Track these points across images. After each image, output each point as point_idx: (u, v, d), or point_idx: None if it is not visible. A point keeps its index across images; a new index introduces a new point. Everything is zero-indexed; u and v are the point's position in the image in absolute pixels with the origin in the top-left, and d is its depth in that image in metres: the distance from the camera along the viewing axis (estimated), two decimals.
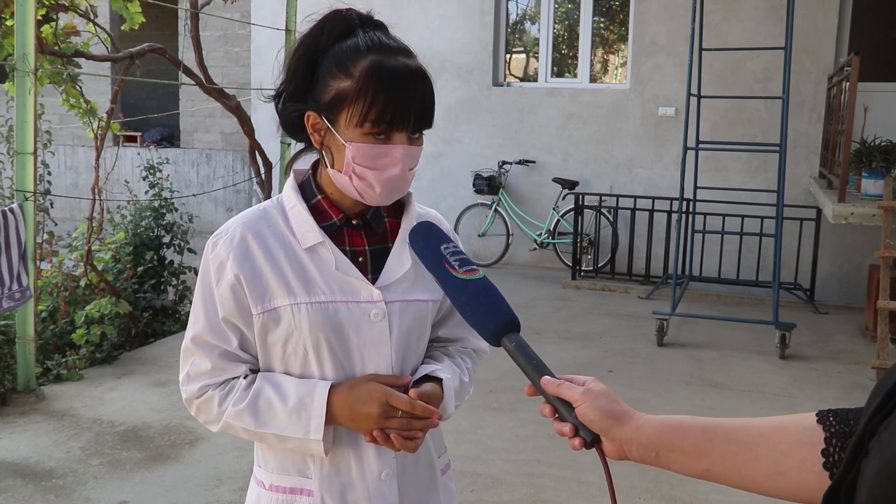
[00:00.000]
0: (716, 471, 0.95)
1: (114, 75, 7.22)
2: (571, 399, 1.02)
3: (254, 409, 1.32)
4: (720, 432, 0.95)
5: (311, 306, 1.30)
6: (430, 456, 1.45)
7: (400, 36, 1.35)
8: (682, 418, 0.99)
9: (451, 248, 1.20)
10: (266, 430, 1.31)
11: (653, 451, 0.98)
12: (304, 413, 1.29)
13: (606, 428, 0.99)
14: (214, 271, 1.34)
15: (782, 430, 0.92)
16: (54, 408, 4.30)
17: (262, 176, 6.24)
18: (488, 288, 1.15)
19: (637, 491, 3.48)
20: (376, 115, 1.24)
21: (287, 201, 1.38)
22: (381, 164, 1.27)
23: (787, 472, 0.89)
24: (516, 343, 1.09)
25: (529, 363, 1.07)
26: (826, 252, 7.40)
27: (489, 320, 1.11)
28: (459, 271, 1.16)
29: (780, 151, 5.76)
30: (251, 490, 1.44)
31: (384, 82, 1.24)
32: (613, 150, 8.26)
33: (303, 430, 1.29)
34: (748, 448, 0.92)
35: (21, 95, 4.22)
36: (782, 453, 0.90)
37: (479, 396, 4.45)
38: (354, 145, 1.26)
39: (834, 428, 0.87)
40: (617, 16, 8.98)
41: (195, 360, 1.35)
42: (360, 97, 1.24)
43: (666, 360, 5.40)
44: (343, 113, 1.26)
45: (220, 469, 3.62)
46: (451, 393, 1.38)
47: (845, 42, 7.52)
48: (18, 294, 4.17)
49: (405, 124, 1.27)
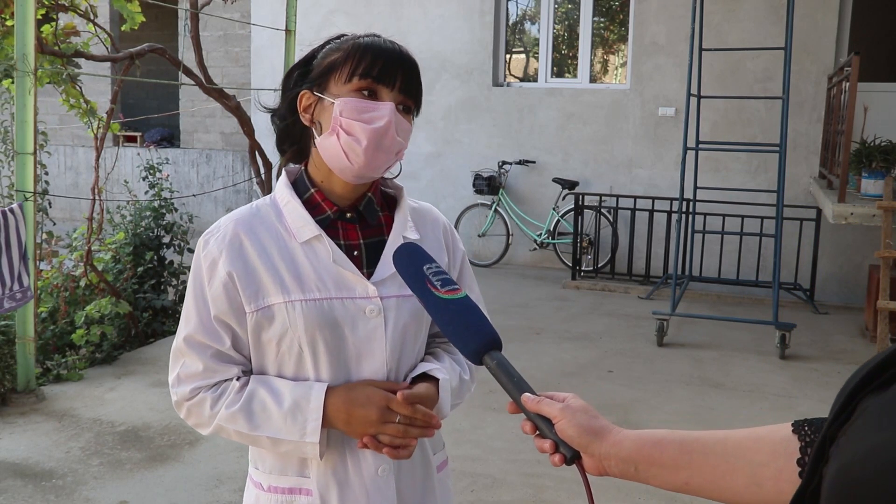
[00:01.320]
0: (694, 484, 0.95)
1: (114, 75, 7.22)
2: (551, 415, 1.03)
3: (248, 411, 1.31)
4: (697, 446, 0.96)
5: (305, 303, 1.30)
6: (426, 453, 1.45)
7: (400, 36, 1.38)
8: (660, 432, 1.00)
9: (433, 268, 1.21)
10: (260, 433, 1.30)
11: (632, 465, 0.99)
12: (299, 416, 1.28)
13: (585, 444, 1.00)
14: (206, 269, 1.33)
15: (759, 442, 0.92)
16: (54, 408, 4.30)
17: (262, 176, 6.24)
18: (469, 307, 1.16)
19: (637, 491, 3.48)
20: (364, 69, 1.29)
21: (280, 198, 1.38)
22: (368, 118, 1.29)
23: (763, 482, 0.90)
24: (497, 361, 1.10)
25: (510, 380, 1.08)
26: (826, 252, 7.40)
27: (471, 339, 1.12)
28: (441, 291, 1.17)
29: (780, 151, 5.76)
30: (248, 492, 1.43)
31: (372, 46, 1.31)
32: (613, 150, 8.26)
33: (298, 433, 1.28)
34: (725, 460, 0.93)
35: (21, 95, 4.22)
36: (759, 464, 0.91)
37: (479, 396, 4.45)
38: (342, 100, 1.30)
39: (809, 437, 0.88)
40: (617, 16, 8.98)
41: (186, 361, 1.34)
42: (350, 59, 1.31)
43: (666, 360, 5.40)
44: (332, 78, 1.32)
45: (220, 469, 3.62)
46: (447, 393, 1.37)
47: (845, 42, 7.52)
48: (20, 294, 4.17)
49: (392, 82, 1.30)
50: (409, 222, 1.43)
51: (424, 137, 8.84)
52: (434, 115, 8.81)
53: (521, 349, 5.54)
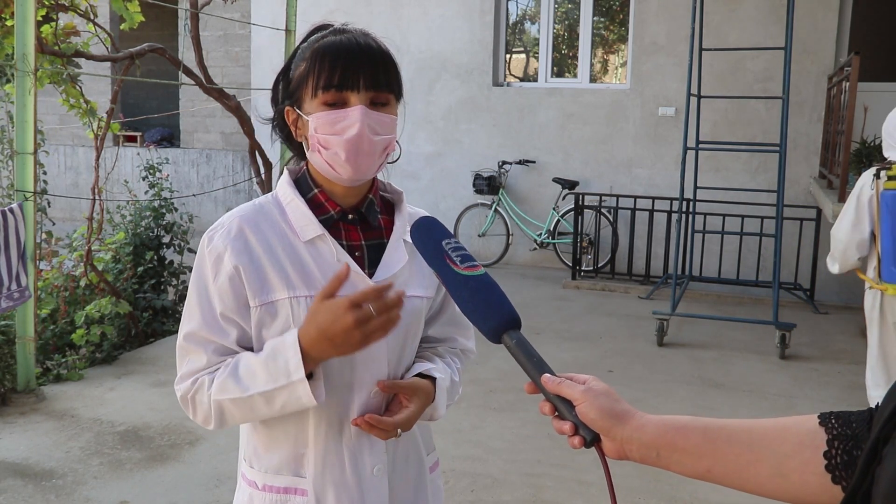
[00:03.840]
0: (717, 472, 0.94)
1: (114, 75, 7.22)
2: (572, 397, 1.01)
3: (235, 376, 1.29)
4: (722, 433, 0.95)
5: (310, 300, 1.30)
6: (419, 453, 1.46)
7: (400, 36, 1.38)
8: (684, 419, 0.98)
9: (452, 243, 1.19)
10: (251, 391, 1.27)
11: (654, 451, 0.97)
12: (280, 358, 1.26)
13: (607, 427, 0.98)
14: (212, 265, 1.33)
15: (785, 432, 0.91)
16: (54, 408, 4.30)
17: (262, 176, 6.24)
18: (490, 284, 1.14)
19: (637, 491, 3.48)
20: (325, 81, 1.28)
21: (283, 196, 1.39)
22: (340, 129, 1.29)
23: (789, 473, 0.89)
24: (517, 340, 1.08)
25: (530, 360, 1.06)
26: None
27: (490, 317, 1.10)
28: (461, 267, 1.15)
29: (780, 151, 5.76)
30: (241, 490, 1.43)
31: (329, 52, 1.30)
32: (613, 150, 8.26)
33: (284, 376, 1.25)
34: (750, 450, 0.92)
35: (21, 95, 4.22)
36: (785, 455, 0.90)
37: (479, 396, 4.45)
38: (314, 116, 1.30)
39: (836, 430, 0.87)
40: (617, 16, 8.98)
41: (191, 357, 1.34)
42: (311, 71, 1.30)
43: (666, 360, 5.40)
44: (303, 93, 1.32)
45: (220, 469, 3.62)
46: (443, 392, 1.38)
47: (845, 42, 7.52)
48: (17, 294, 4.17)
49: (355, 85, 1.29)
50: (409, 226, 1.44)
51: (424, 137, 8.84)
52: (434, 115, 8.81)
53: None
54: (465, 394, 4.37)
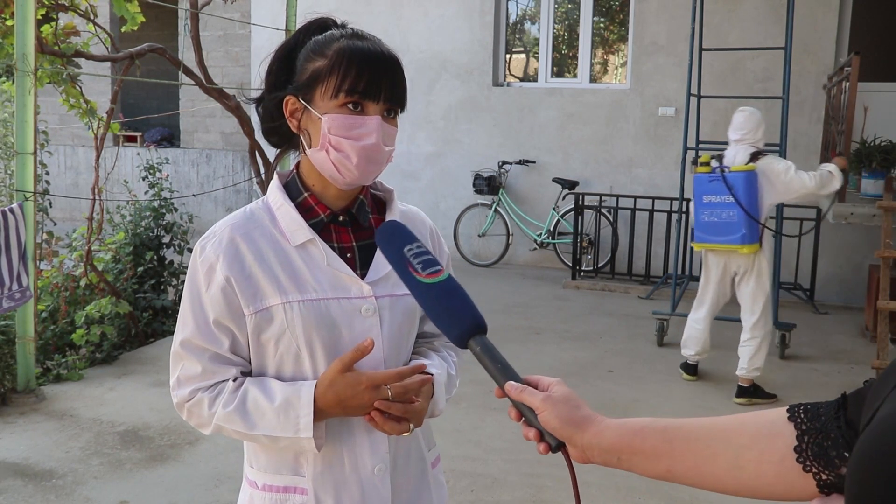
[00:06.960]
0: (676, 471, 0.94)
1: (114, 75, 7.22)
2: (533, 406, 1.02)
3: (243, 411, 1.32)
4: (680, 433, 0.95)
5: (303, 304, 1.32)
6: (420, 450, 1.46)
7: (400, 36, 1.39)
8: (643, 421, 0.98)
9: (414, 248, 1.18)
10: (257, 431, 1.32)
11: (614, 455, 0.98)
12: (291, 412, 1.29)
13: (568, 435, 0.99)
14: (204, 275, 1.34)
15: (743, 425, 0.91)
16: (54, 408, 4.30)
17: (261, 176, 6.24)
18: (452, 290, 1.13)
19: (637, 491, 3.48)
20: (350, 85, 1.28)
21: (273, 201, 1.40)
22: (357, 135, 1.29)
23: (745, 465, 0.89)
24: (482, 346, 1.07)
25: (495, 366, 1.06)
26: (826, 252, 7.40)
27: (454, 324, 1.09)
28: (423, 274, 1.14)
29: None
30: (243, 491, 1.45)
31: (356, 56, 1.29)
32: (613, 150, 8.26)
33: (293, 429, 1.29)
34: (707, 445, 0.92)
35: (21, 95, 4.22)
36: (741, 447, 0.89)
37: (479, 396, 4.45)
38: (330, 116, 1.29)
39: (805, 425, 0.86)
40: (617, 16, 8.98)
41: (185, 364, 1.36)
42: (334, 71, 1.29)
43: (666, 360, 5.40)
44: (318, 89, 1.31)
45: (220, 469, 3.62)
46: (441, 388, 1.39)
47: (845, 42, 7.52)
48: (18, 294, 4.17)
49: (377, 95, 1.30)
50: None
51: (424, 137, 8.84)
52: (434, 115, 8.81)
53: (521, 349, 5.53)
54: (465, 394, 4.37)
